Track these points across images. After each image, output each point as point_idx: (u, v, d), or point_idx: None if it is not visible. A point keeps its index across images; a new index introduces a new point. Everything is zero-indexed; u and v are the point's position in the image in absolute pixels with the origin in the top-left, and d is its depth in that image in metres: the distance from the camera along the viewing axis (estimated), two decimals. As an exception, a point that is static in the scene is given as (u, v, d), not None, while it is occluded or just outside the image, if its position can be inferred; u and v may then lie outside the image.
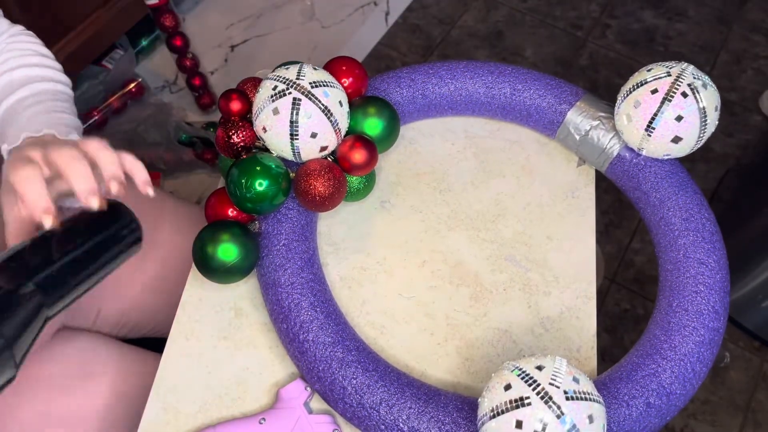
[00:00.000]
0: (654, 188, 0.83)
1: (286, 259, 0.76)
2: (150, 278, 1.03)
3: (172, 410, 0.75)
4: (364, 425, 0.69)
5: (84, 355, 0.95)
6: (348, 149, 0.77)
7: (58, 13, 1.70)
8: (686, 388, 0.70)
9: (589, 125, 0.86)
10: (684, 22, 2.30)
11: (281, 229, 0.78)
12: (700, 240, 0.78)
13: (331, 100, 0.74)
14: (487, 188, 0.91)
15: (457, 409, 0.67)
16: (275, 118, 0.72)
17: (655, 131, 0.78)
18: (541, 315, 0.81)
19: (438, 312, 0.81)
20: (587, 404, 0.57)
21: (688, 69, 0.77)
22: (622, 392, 0.69)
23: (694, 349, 0.71)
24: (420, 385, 0.70)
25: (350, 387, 0.68)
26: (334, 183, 0.75)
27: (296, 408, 0.72)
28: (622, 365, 0.73)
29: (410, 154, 0.93)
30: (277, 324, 0.74)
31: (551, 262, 0.85)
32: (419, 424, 0.66)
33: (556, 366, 0.59)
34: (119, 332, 1.06)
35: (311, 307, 0.73)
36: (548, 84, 0.89)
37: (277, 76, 0.74)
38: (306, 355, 0.71)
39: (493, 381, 0.61)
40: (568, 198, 0.90)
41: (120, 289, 1.01)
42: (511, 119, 0.93)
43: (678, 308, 0.74)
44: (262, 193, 0.73)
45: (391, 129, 0.83)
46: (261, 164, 0.73)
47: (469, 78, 0.90)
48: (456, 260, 0.85)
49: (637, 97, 0.78)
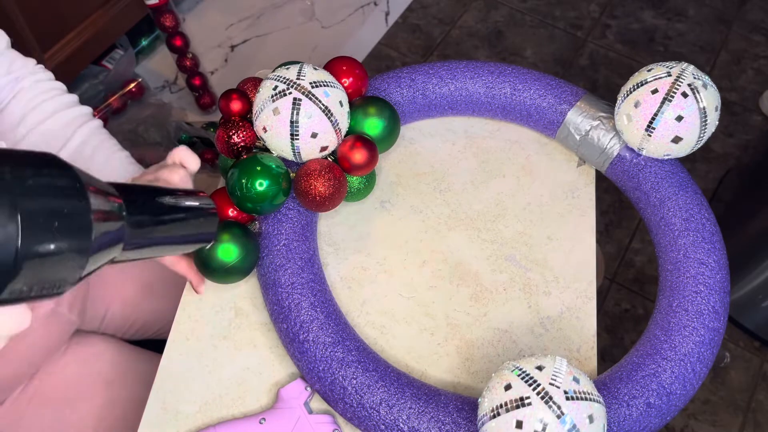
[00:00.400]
0: (654, 188, 0.83)
1: (287, 259, 0.75)
2: (152, 281, 1.04)
3: (172, 410, 0.75)
4: (364, 425, 0.69)
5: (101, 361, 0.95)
6: (348, 149, 0.77)
7: (58, 13, 1.70)
8: (686, 388, 0.70)
9: (589, 125, 0.86)
10: (684, 22, 2.30)
11: (281, 229, 0.78)
12: (700, 240, 0.78)
13: (331, 100, 0.74)
14: (487, 188, 0.91)
15: (457, 409, 0.67)
16: (276, 118, 0.72)
17: (655, 131, 0.78)
18: (541, 315, 0.81)
19: (438, 312, 0.81)
20: (587, 404, 0.57)
21: (689, 69, 0.77)
22: (623, 392, 0.69)
23: (695, 349, 0.71)
24: (420, 385, 0.70)
25: (350, 387, 0.68)
26: (334, 183, 0.75)
27: (296, 408, 0.72)
28: (622, 365, 0.73)
29: (410, 154, 0.93)
30: (278, 324, 0.74)
31: (551, 262, 0.85)
32: (419, 424, 0.66)
33: (556, 366, 0.59)
34: (124, 334, 1.06)
35: (311, 307, 0.73)
36: (548, 84, 0.89)
37: (277, 76, 0.74)
38: (306, 355, 0.71)
39: (494, 381, 0.61)
40: (569, 198, 0.90)
41: (125, 292, 1.02)
42: (511, 119, 0.93)
43: (678, 308, 0.74)
44: (263, 193, 0.72)
45: (391, 129, 0.83)
46: (261, 164, 0.73)
47: (470, 78, 0.90)
48: (456, 260, 0.85)
49: (638, 97, 0.78)
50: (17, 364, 0.87)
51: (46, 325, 0.89)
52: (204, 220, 0.65)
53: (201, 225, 0.65)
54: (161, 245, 0.58)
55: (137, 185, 0.56)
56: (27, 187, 0.39)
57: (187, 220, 0.62)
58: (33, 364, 0.90)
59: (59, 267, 0.40)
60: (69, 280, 0.42)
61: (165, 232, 0.58)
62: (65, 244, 0.40)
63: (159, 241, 0.57)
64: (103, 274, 1.00)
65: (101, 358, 0.96)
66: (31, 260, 0.38)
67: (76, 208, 0.41)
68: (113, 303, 1.01)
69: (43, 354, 0.90)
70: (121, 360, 0.97)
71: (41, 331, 0.88)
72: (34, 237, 0.38)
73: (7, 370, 0.86)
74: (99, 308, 1.00)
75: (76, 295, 0.94)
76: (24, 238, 0.37)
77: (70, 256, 0.41)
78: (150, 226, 0.54)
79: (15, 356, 0.86)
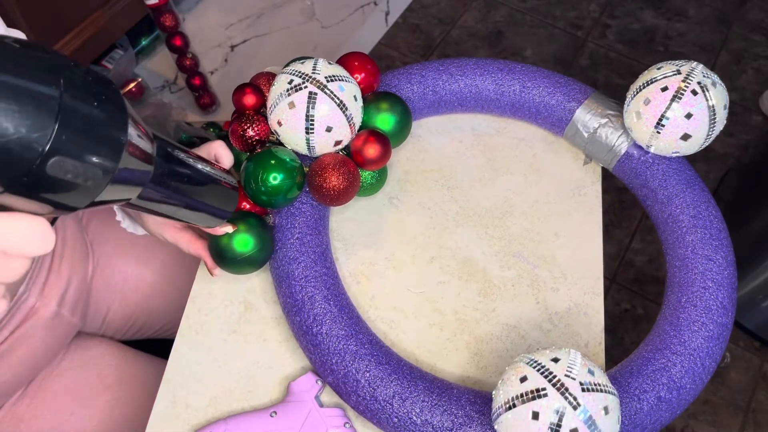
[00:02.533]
0: (662, 185, 0.83)
1: (300, 252, 0.76)
2: (153, 280, 1.04)
3: (182, 404, 0.75)
4: (376, 418, 0.69)
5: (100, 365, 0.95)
6: (362, 144, 0.77)
7: (58, 13, 1.70)
8: (696, 382, 0.71)
9: (597, 123, 0.87)
10: (684, 22, 2.31)
11: (295, 222, 0.78)
12: (707, 237, 0.78)
13: (346, 94, 0.74)
14: (494, 185, 0.91)
15: (470, 402, 0.67)
16: (291, 112, 0.72)
17: (664, 128, 0.78)
18: (549, 311, 0.82)
19: (447, 307, 0.82)
20: (603, 396, 0.57)
21: (698, 68, 0.78)
22: (633, 386, 0.69)
23: (703, 344, 0.72)
24: (432, 379, 0.70)
25: (363, 380, 0.68)
26: (348, 177, 0.75)
27: (307, 401, 0.72)
28: (632, 360, 0.73)
29: (418, 151, 0.94)
30: (291, 317, 0.74)
31: (559, 259, 0.85)
32: (432, 417, 0.66)
33: (571, 358, 0.59)
34: (125, 335, 1.06)
35: (324, 300, 0.73)
36: (557, 82, 0.90)
37: (292, 70, 0.74)
38: (319, 347, 0.71)
39: (509, 373, 0.61)
40: (575, 195, 0.90)
41: (126, 292, 1.02)
42: (519, 116, 0.94)
43: (687, 304, 0.75)
44: (277, 186, 0.73)
45: (403, 124, 0.83)
46: (276, 158, 0.73)
47: (479, 75, 0.91)
48: (464, 256, 0.85)
49: (647, 94, 0.78)
50: (18, 368, 0.87)
51: (48, 329, 0.89)
52: (225, 196, 0.66)
53: (221, 200, 0.65)
54: (178, 205, 0.58)
55: (173, 141, 0.56)
56: (79, 86, 0.39)
57: (209, 190, 0.63)
58: (33, 368, 0.90)
59: (74, 182, 0.40)
60: (82, 200, 0.43)
61: (185, 193, 0.58)
62: (92, 156, 0.41)
63: (177, 200, 0.57)
64: (104, 275, 1.00)
65: (101, 361, 0.96)
66: (57, 156, 0.38)
67: (114, 129, 0.42)
68: (114, 303, 1.01)
69: (44, 358, 0.90)
70: (122, 363, 0.97)
71: (42, 334, 0.88)
72: (69, 133, 0.39)
73: (7, 374, 0.86)
74: (100, 309, 1.00)
75: (79, 297, 0.94)
76: (60, 128, 0.38)
77: (93, 172, 0.41)
78: (174, 181, 0.55)
79: (15, 360, 0.86)
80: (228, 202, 0.67)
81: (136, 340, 1.08)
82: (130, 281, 1.02)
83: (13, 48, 0.38)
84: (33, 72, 0.37)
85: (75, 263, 0.94)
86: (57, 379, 0.92)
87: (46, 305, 0.88)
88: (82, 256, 0.96)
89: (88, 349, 0.96)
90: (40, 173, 0.38)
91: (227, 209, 0.67)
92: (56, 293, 0.90)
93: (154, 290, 1.04)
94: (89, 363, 0.95)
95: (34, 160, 0.37)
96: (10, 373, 0.86)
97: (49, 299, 0.89)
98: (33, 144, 0.37)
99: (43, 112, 0.37)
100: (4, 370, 0.85)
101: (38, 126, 0.37)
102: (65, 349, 0.95)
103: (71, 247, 0.93)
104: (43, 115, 0.37)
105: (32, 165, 0.37)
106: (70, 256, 0.93)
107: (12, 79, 0.36)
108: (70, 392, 0.91)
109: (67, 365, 0.93)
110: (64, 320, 0.91)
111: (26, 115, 0.36)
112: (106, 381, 0.94)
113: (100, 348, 0.97)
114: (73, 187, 0.41)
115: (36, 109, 0.37)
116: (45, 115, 0.37)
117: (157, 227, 0.78)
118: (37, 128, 0.37)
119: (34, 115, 0.37)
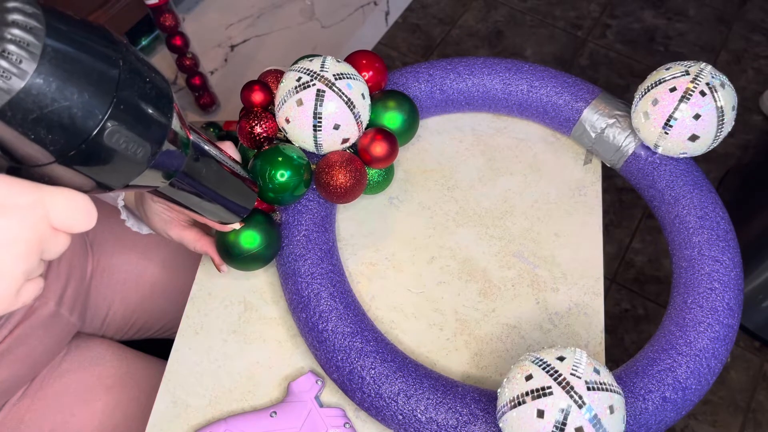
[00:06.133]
0: (669, 186, 0.83)
1: (307, 249, 0.76)
2: (154, 280, 1.04)
3: (182, 404, 0.75)
4: (381, 415, 0.69)
5: (100, 365, 0.95)
6: (369, 142, 0.77)
7: (58, 12, 1.70)
8: (701, 383, 0.70)
9: (605, 123, 0.86)
10: (684, 22, 2.31)
11: (301, 219, 0.78)
12: (714, 238, 0.78)
13: (354, 92, 0.73)
14: (494, 185, 0.91)
15: (474, 400, 0.67)
16: (299, 110, 0.72)
17: (672, 129, 0.78)
18: (549, 311, 0.81)
19: (447, 307, 0.81)
20: (608, 395, 0.57)
21: (707, 68, 0.78)
22: (638, 386, 0.69)
23: (709, 344, 0.72)
24: (437, 377, 0.70)
25: (369, 377, 0.68)
26: (355, 175, 0.75)
27: (307, 401, 0.72)
28: (637, 360, 0.73)
29: (418, 151, 0.93)
30: (296, 314, 0.74)
31: (559, 259, 0.85)
32: (437, 415, 0.66)
33: (576, 357, 0.59)
34: (125, 335, 1.06)
35: (330, 297, 0.73)
36: (565, 82, 0.89)
37: (300, 67, 0.74)
38: (325, 344, 0.71)
39: (514, 371, 0.61)
40: (575, 195, 0.90)
41: (126, 292, 1.01)
42: (527, 116, 0.94)
43: (693, 305, 0.75)
44: (284, 183, 0.73)
45: (410, 123, 0.83)
46: (283, 155, 0.73)
47: (487, 74, 0.90)
48: (464, 256, 0.85)
49: (655, 95, 0.78)
50: (16, 368, 0.86)
51: (46, 328, 0.89)
52: (245, 193, 0.67)
53: (241, 196, 0.67)
54: (201, 197, 0.59)
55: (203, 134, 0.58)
56: (134, 61, 0.41)
57: (232, 185, 0.64)
58: (33, 368, 0.90)
59: (123, 156, 0.42)
60: (123, 178, 0.44)
61: (211, 185, 0.59)
62: (144, 128, 0.42)
63: (202, 191, 0.58)
64: (103, 275, 1.00)
65: (101, 362, 0.95)
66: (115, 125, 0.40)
67: (162, 108, 0.44)
68: (114, 304, 1.01)
69: (43, 358, 0.90)
70: (122, 364, 0.97)
71: (41, 334, 0.88)
72: (125, 104, 0.40)
73: (7, 374, 0.85)
74: (100, 309, 1.00)
75: (77, 297, 0.94)
76: (118, 97, 0.39)
77: (143, 146, 0.43)
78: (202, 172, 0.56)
79: (14, 359, 0.85)
80: (247, 199, 0.68)
81: (136, 340, 1.08)
82: (129, 281, 1.02)
83: (77, 19, 0.39)
84: (97, 41, 0.39)
85: (74, 262, 0.93)
86: (57, 379, 0.92)
87: (44, 305, 0.88)
88: (82, 256, 0.96)
89: (88, 349, 0.96)
90: (97, 141, 0.39)
91: (246, 206, 0.68)
92: (55, 293, 0.89)
93: (154, 290, 1.04)
94: (89, 364, 0.94)
95: (93, 128, 0.38)
96: (9, 372, 0.86)
97: (48, 299, 0.88)
98: (95, 110, 0.38)
99: (105, 80, 0.38)
100: (3, 369, 0.85)
101: (100, 93, 0.38)
102: (65, 350, 0.95)
103: (70, 246, 0.93)
104: (105, 83, 0.38)
105: (91, 132, 0.38)
106: (69, 256, 0.93)
107: (79, 47, 0.38)
108: (70, 393, 0.91)
109: (68, 366, 0.93)
110: (63, 320, 0.91)
111: (91, 81, 0.38)
112: (107, 381, 0.94)
113: (100, 349, 0.97)
114: (122, 160, 0.42)
115: (99, 77, 0.38)
116: (106, 84, 0.38)
117: (162, 225, 0.77)
118: (99, 95, 0.38)
119: (97, 82, 0.38)
